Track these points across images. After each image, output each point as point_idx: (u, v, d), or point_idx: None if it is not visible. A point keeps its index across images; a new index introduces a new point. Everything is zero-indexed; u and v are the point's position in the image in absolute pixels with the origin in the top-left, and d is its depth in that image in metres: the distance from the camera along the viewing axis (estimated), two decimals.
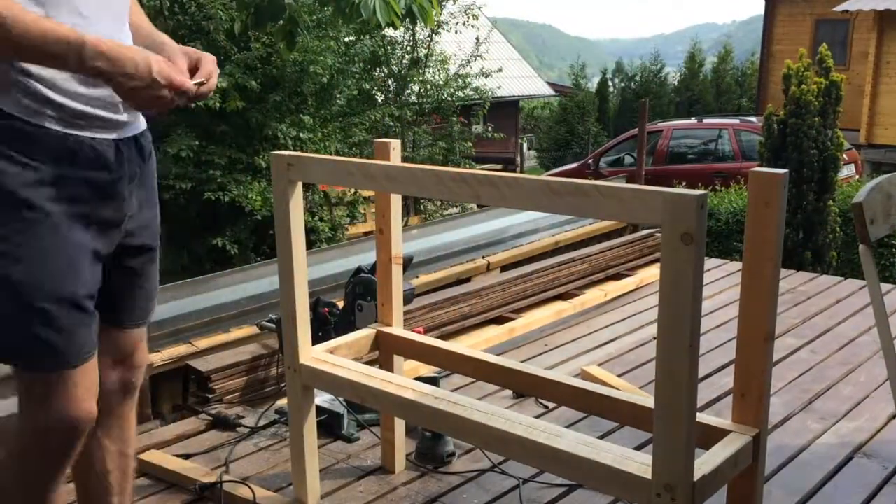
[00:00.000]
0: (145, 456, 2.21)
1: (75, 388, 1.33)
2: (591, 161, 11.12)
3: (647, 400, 1.66)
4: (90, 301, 1.35)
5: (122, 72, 1.24)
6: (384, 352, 2.10)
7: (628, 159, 10.42)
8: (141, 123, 1.47)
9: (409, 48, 10.97)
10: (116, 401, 1.54)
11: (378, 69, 10.67)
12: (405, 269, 2.13)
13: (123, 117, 1.39)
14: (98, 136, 1.35)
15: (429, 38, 11.09)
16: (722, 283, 4.04)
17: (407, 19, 2.97)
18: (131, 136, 1.42)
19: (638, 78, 20.71)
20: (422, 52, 11.07)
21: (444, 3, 11.02)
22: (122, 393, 1.55)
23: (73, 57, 1.22)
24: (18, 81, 1.27)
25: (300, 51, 7.62)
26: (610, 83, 21.04)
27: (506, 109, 17.84)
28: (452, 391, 1.99)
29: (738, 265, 4.30)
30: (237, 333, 2.87)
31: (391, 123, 10.20)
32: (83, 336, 1.34)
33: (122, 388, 1.55)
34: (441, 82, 11.21)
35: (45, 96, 1.29)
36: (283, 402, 2.45)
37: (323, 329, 2.49)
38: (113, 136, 1.38)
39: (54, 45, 1.20)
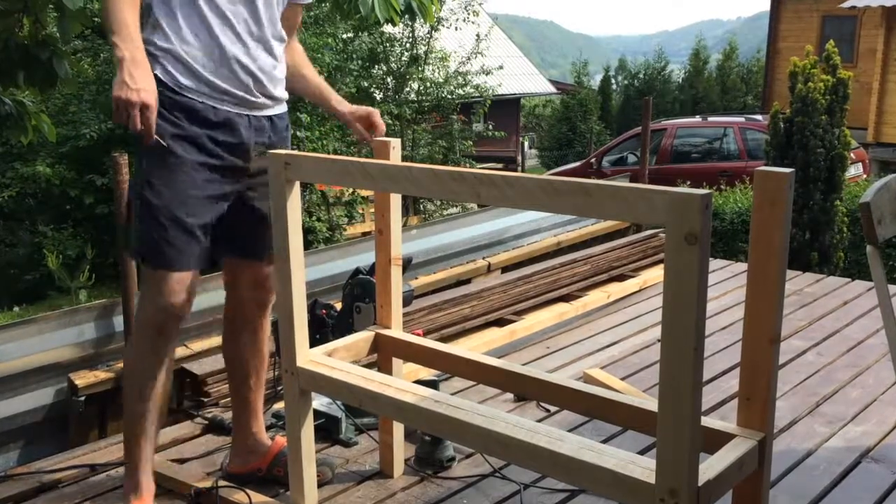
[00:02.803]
0: None
1: (172, 286, 1.82)
2: (593, 160, 11.10)
3: (650, 403, 1.64)
4: (199, 230, 1.83)
5: (129, 74, 1.65)
6: (383, 354, 2.08)
7: (631, 158, 10.39)
8: (279, 107, 1.97)
9: (408, 45, 10.93)
10: (252, 314, 2.06)
11: (377, 66, 10.63)
12: (404, 270, 2.10)
13: (259, 101, 1.89)
14: (233, 109, 1.85)
15: (428, 35, 11.05)
16: (727, 284, 4.00)
17: (406, 16, 2.94)
18: (266, 115, 1.92)
19: (641, 75, 20.70)
20: (421, 50, 11.03)
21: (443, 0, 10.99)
22: (257, 309, 2.07)
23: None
24: (171, 59, 1.78)
25: None
26: (613, 81, 21.04)
27: (507, 107, 17.82)
28: (452, 394, 1.97)
29: (743, 266, 4.26)
30: None
31: (390, 122, 10.16)
32: (186, 252, 1.82)
33: (258, 306, 2.06)
34: (441, 80, 11.17)
35: (195, 72, 1.79)
36: (280, 406, 2.42)
37: (320, 331, 2.46)
38: (246, 111, 1.87)
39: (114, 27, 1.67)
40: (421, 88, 10.98)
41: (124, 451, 1.95)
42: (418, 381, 2.23)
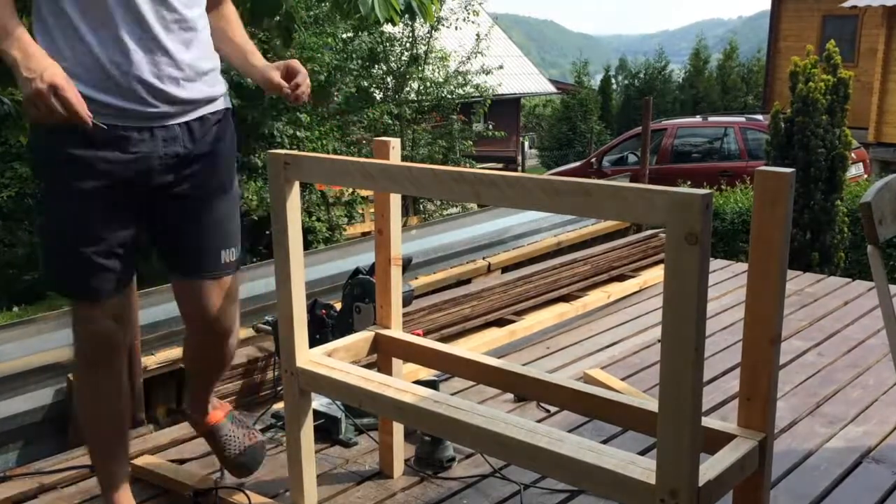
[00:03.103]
0: (139, 461, 2.18)
1: (93, 316, 1.72)
2: (593, 160, 11.10)
3: (650, 404, 1.63)
4: (104, 257, 1.69)
5: (25, 67, 1.50)
6: (383, 355, 2.07)
7: (632, 158, 10.39)
8: (200, 110, 1.75)
9: (408, 45, 10.93)
10: (205, 350, 1.93)
11: (377, 66, 10.63)
12: (404, 270, 2.09)
13: (159, 109, 1.67)
14: (124, 123, 1.65)
15: (428, 35, 11.05)
16: (727, 284, 4.00)
17: (406, 15, 2.93)
18: (180, 122, 1.72)
19: (642, 75, 20.69)
20: (421, 49, 11.03)
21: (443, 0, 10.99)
22: (211, 359, 1.94)
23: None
24: None
25: (297, 47, 7.59)
26: (613, 80, 21.03)
27: (507, 107, 17.83)
28: (452, 395, 1.96)
29: (743, 266, 4.26)
30: None
31: (390, 122, 10.17)
32: (98, 282, 1.70)
33: (207, 347, 1.93)
34: (441, 79, 11.18)
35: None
36: (279, 406, 2.41)
37: (320, 331, 2.45)
38: (142, 123, 1.67)
39: None
40: (421, 88, 10.98)
41: (97, 474, 1.90)
42: (418, 381, 2.22)
